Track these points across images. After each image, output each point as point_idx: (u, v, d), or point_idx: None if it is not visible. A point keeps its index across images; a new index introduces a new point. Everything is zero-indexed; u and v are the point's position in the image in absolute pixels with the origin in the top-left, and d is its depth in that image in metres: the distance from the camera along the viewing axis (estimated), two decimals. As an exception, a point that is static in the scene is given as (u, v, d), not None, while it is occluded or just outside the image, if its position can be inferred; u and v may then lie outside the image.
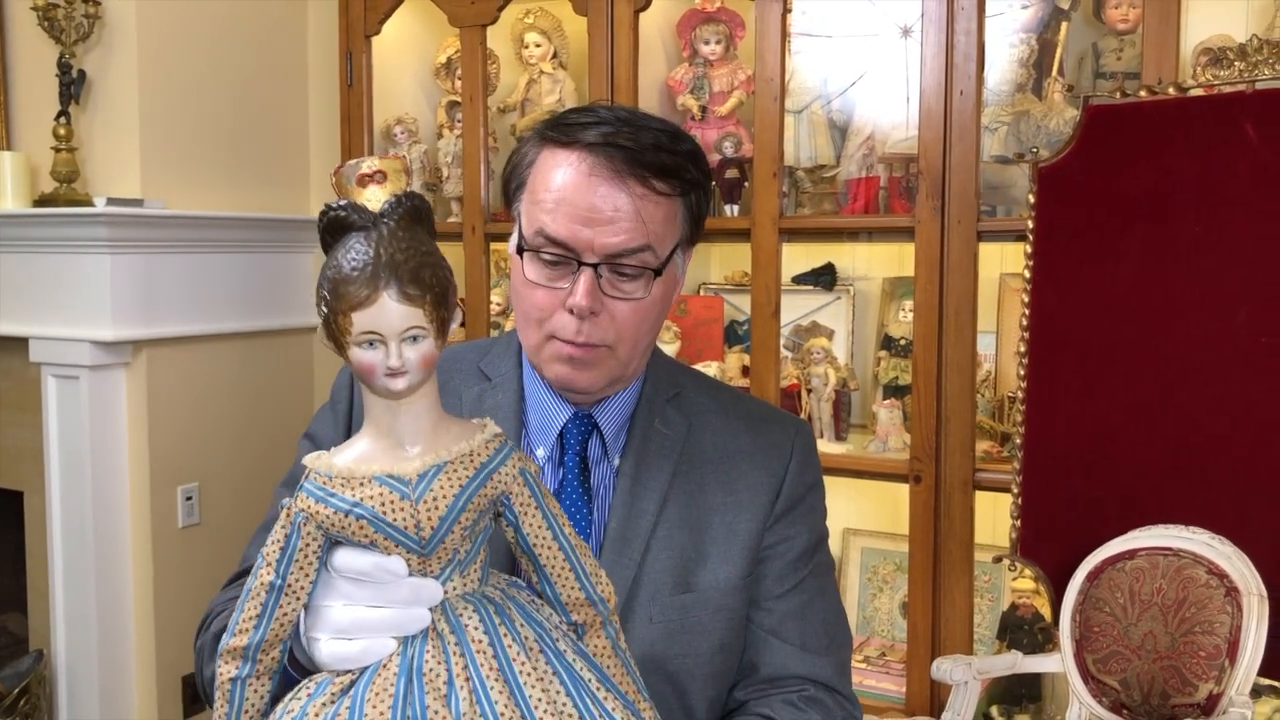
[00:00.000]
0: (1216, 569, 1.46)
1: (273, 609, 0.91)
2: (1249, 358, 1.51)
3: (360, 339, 0.85)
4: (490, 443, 0.91)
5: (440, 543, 0.88)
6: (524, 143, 1.23)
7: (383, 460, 0.88)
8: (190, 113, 2.84)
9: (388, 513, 0.87)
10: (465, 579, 0.91)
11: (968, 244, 2.13)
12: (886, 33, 2.45)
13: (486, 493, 0.90)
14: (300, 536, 0.89)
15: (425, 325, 0.86)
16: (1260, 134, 1.49)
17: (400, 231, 0.87)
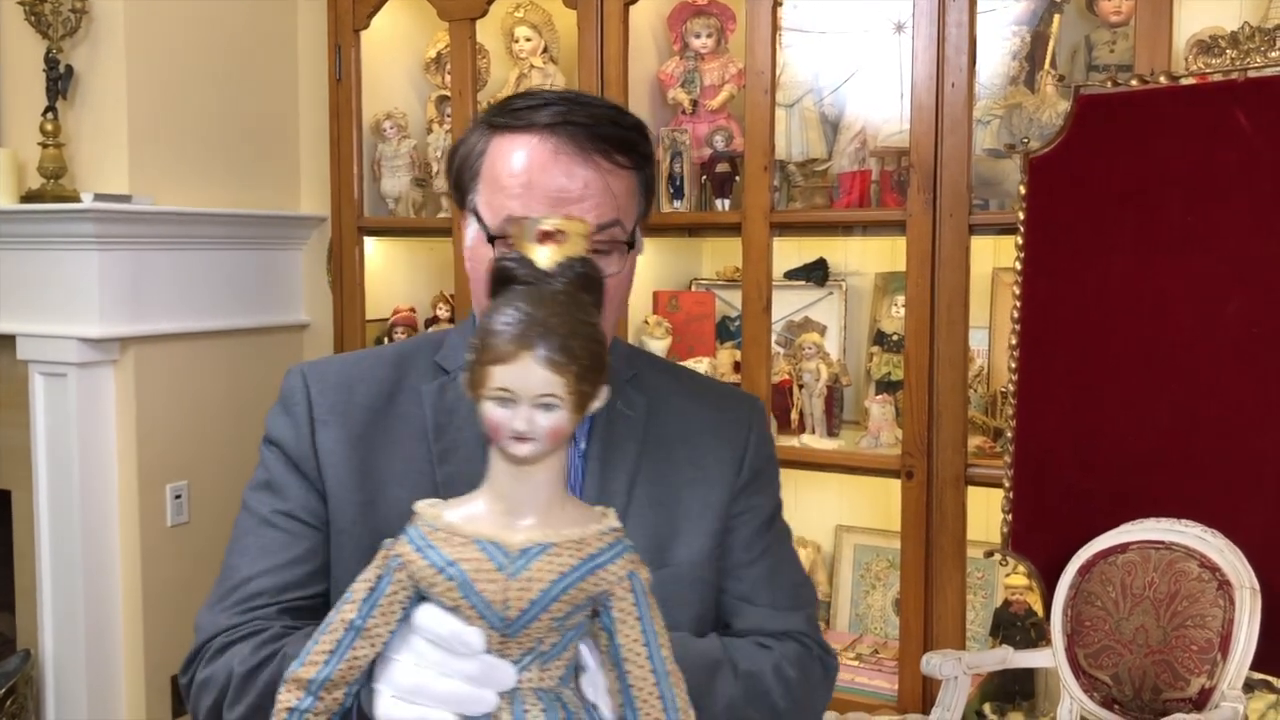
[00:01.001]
0: (1208, 562, 1.45)
1: (346, 649, 0.88)
2: (1240, 349, 1.50)
3: (494, 394, 0.83)
4: (605, 535, 0.85)
5: (525, 627, 0.83)
6: (467, 136, 1.22)
7: (490, 525, 0.85)
8: (178, 108, 2.82)
9: (479, 581, 0.83)
10: (544, 673, 0.86)
11: (959, 237, 2.11)
12: (879, 27, 2.43)
13: (587, 587, 0.84)
14: (391, 582, 0.86)
15: (562, 396, 0.82)
16: (1252, 122, 1.47)
17: (563, 296, 0.84)
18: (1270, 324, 1.48)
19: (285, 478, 1.23)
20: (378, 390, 1.25)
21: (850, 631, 2.56)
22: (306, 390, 1.26)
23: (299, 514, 1.22)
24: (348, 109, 2.82)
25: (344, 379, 1.27)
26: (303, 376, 1.27)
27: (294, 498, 1.22)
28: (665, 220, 2.59)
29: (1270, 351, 1.49)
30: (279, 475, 1.23)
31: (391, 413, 1.25)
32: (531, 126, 1.15)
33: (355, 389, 1.26)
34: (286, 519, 1.22)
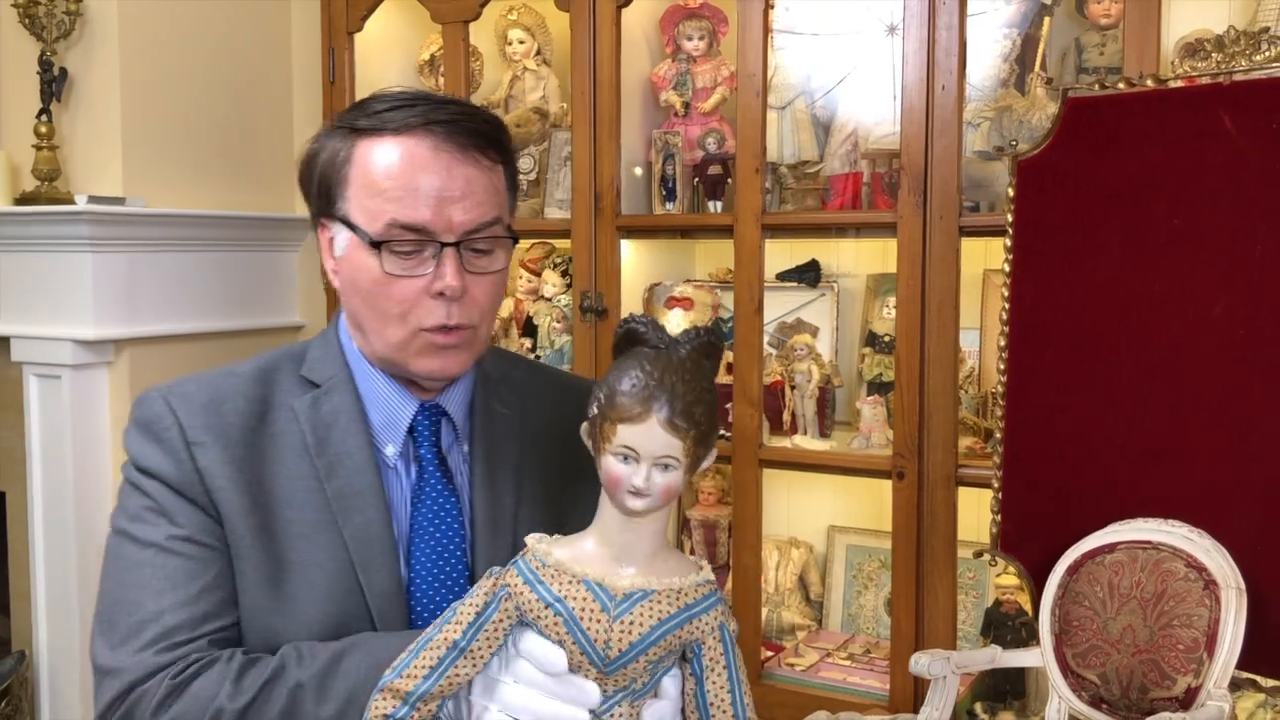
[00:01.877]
0: (1195, 562, 1.46)
1: (448, 666, 0.93)
2: (1227, 350, 1.51)
3: (618, 451, 0.88)
4: (701, 587, 0.91)
5: (623, 667, 0.89)
6: (323, 144, 1.19)
7: (597, 567, 0.90)
8: (173, 110, 2.83)
9: (584, 619, 0.88)
10: (633, 709, 0.91)
11: (950, 239, 2.12)
12: (871, 30, 2.44)
13: (682, 635, 0.89)
14: (498, 610, 0.92)
15: (680, 458, 0.87)
16: (1238, 125, 1.48)
17: (688, 362, 0.89)
18: (1256, 325, 1.49)
19: (173, 502, 1.17)
20: (247, 408, 1.21)
21: (843, 631, 2.57)
22: (173, 413, 1.19)
23: (199, 537, 1.16)
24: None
25: (210, 398, 1.21)
26: (164, 400, 1.20)
27: (188, 521, 1.16)
28: (658, 222, 2.60)
29: (1257, 353, 1.50)
30: (165, 500, 1.17)
31: (266, 431, 1.20)
32: (404, 128, 1.14)
33: (224, 409, 1.20)
34: (186, 544, 1.16)
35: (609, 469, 0.90)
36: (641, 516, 0.90)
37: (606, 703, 0.90)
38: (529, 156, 2.75)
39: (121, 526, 1.19)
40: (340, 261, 1.19)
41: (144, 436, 1.20)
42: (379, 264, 1.14)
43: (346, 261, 1.18)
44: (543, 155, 2.75)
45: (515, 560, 0.94)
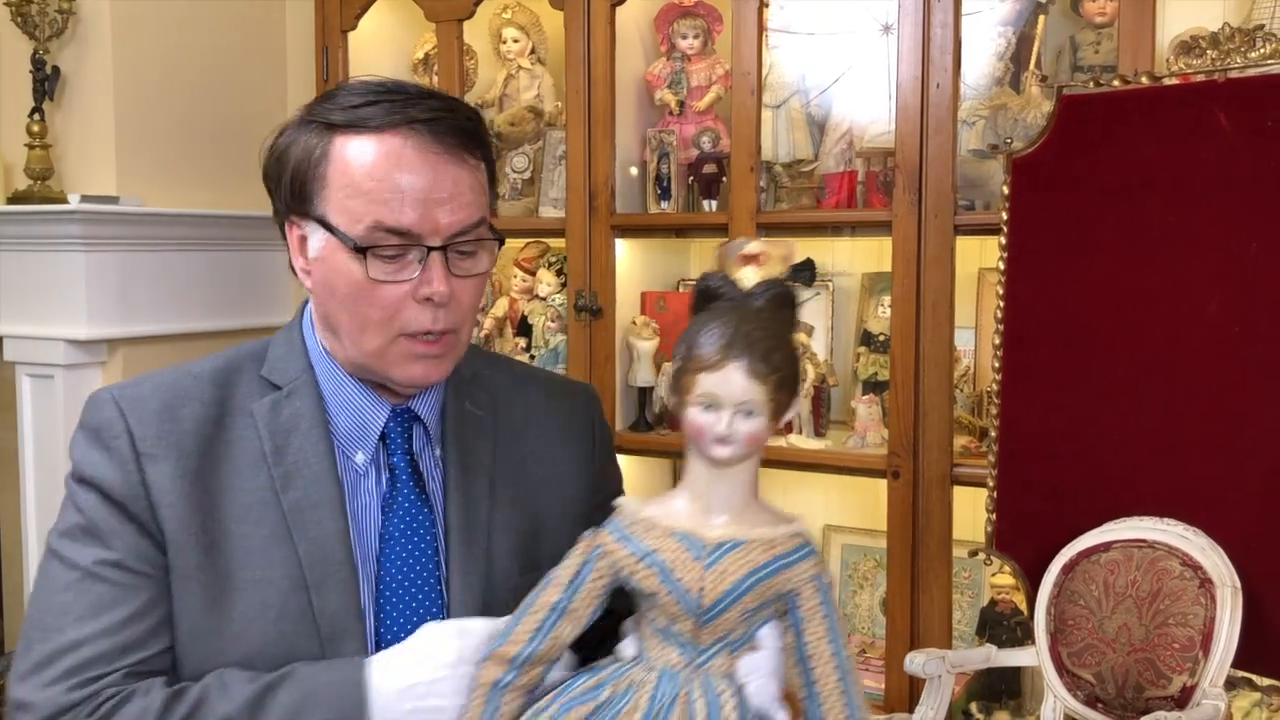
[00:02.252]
0: (1190, 561, 1.45)
1: (550, 628, 0.95)
2: (1222, 347, 1.51)
3: (699, 400, 0.90)
4: (794, 537, 0.92)
5: (718, 616, 0.90)
6: (293, 138, 1.13)
7: (688, 520, 0.92)
8: (166, 109, 2.82)
9: (677, 570, 0.90)
10: (730, 660, 0.92)
11: (945, 238, 2.12)
12: (866, 28, 2.44)
13: (775, 584, 0.91)
14: (593, 569, 0.94)
15: (761, 403, 0.90)
16: (1232, 122, 1.48)
17: (764, 312, 0.93)
18: (1251, 323, 1.49)
19: (108, 522, 1.09)
20: (204, 413, 1.14)
21: (838, 631, 2.56)
22: (124, 420, 1.11)
23: (130, 563, 1.09)
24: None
25: (165, 404, 1.13)
26: (115, 404, 1.12)
27: (121, 544, 1.09)
28: (652, 221, 2.60)
29: (1251, 350, 1.49)
30: (100, 520, 1.09)
31: (222, 438, 1.13)
32: (386, 125, 1.08)
33: (179, 414, 1.13)
34: (115, 570, 1.08)
35: (692, 420, 0.91)
36: (728, 466, 0.92)
37: (704, 654, 0.92)
38: (523, 155, 2.74)
39: (53, 544, 1.12)
40: (314, 263, 1.13)
41: (90, 443, 1.12)
42: (361, 269, 1.09)
43: (322, 263, 1.12)
44: (537, 154, 2.75)
45: (607, 521, 0.95)
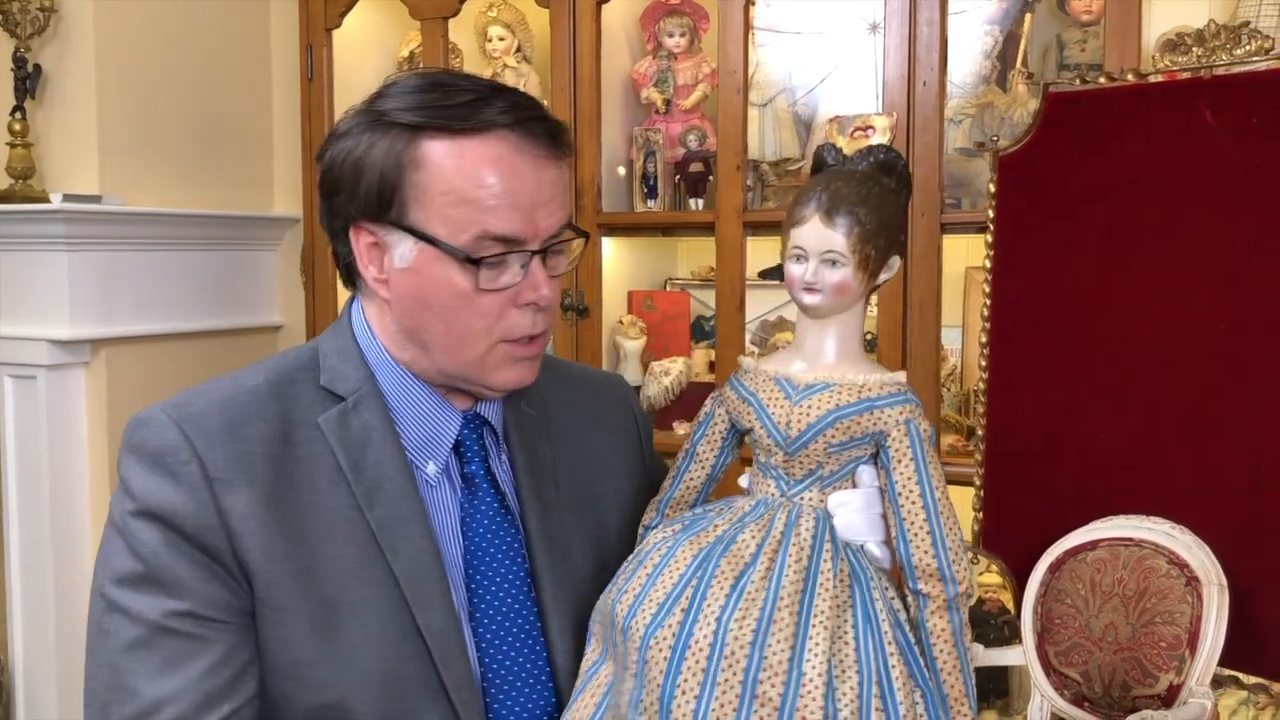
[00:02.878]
0: (1177, 559, 1.45)
1: (683, 472, 1.08)
2: (1208, 346, 1.50)
3: (791, 253, 0.99)
4: (887, 385, 0.99)
5: (803, 447, 0.98)
6: (369, 141, 1.04)
7: (787, 367, 1.01)
8: (149, 108, 2.80)
9: (770, 406, 0.99)
10: (823, 495, 1.00)
11: (932, 236, 2.12)
12: (852, 27, 2.44)
13: (862, 422, 0.97)
14: (714, 416, 1.06)
15: (845, 254, 0.96)
16: (1219, 120, 1.47)
17: (860, 174, 0.99)
18: (1237, 321, 1.49)
19: (175, 565, 1.00)
20: (270, 430, 1.06)
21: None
22: (189, 443, 1.03)
23: (202, 611, 1.00)
24: (320, 108, 2.80)
25: (229, 422, 1.05)
26: (176, 426, 1.04)
27: (192, 591, 1.00)
28: (639, 220, 2.59)
29: (1237, 348, 1.49)
30: (165, 563, 1.00)
31: (292, 455, 1.06)
32: (480, 128, 1.03)
33: (245, 434, 1.05)
34: (187, 620, 1.00)
35: (788, 272, 0.99)
36: (821, 316, 0.99)
37: (795, 486, 0.99)
38: (510, 154, 2.73)
39: (111, 594, 1.02)
40: (403, 274, 1.06)
41: (151, 471, 1.02)
42: (468, 279, 1.04)
43: (415, 274, 1.05)
44: (523, 153, 2.74)
45: (730, 376, 1.05)
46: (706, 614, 0.94)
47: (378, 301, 1.11)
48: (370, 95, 1.11)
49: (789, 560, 0.95)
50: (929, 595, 0.97)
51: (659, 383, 2.56)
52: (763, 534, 0.97)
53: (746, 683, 0.91)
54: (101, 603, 1.03)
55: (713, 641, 0.92)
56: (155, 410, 1.06)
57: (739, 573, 0.94)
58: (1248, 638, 1.44)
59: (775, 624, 0.92)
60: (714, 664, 0.92)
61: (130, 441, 1.05)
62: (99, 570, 1.05)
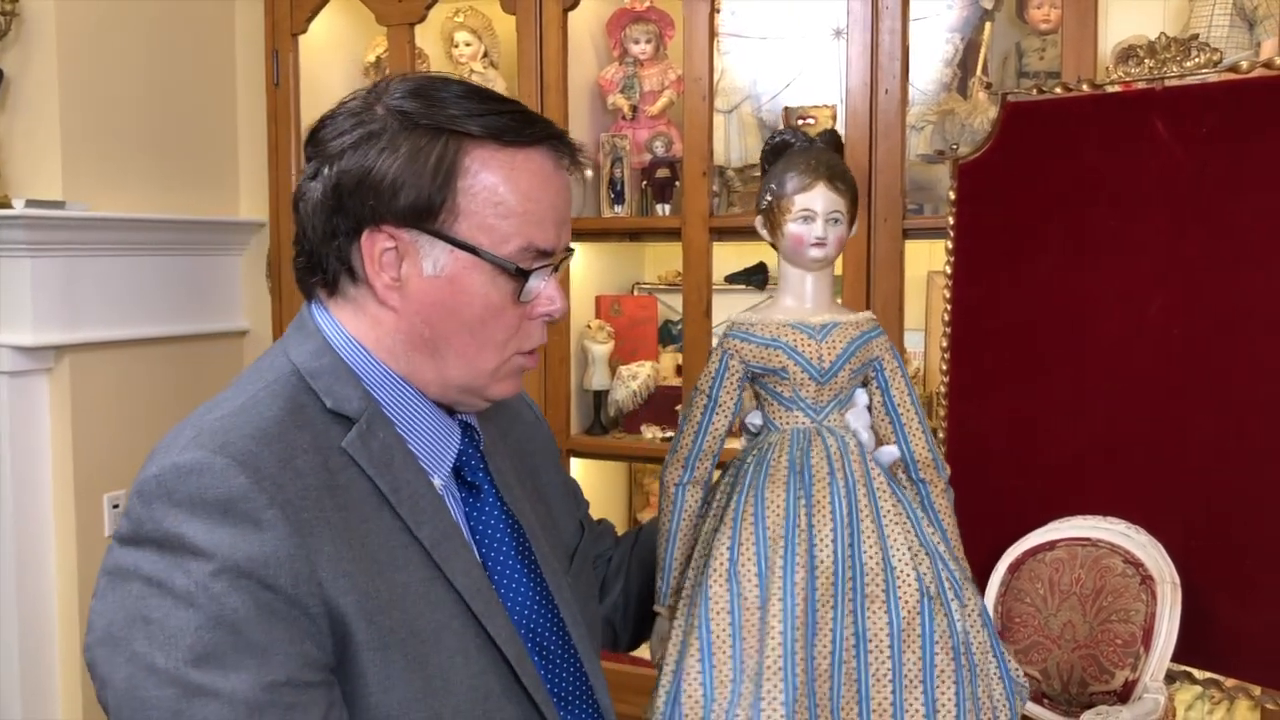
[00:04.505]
0: (1132, 558, 1.49)
1: (708, 422, 1.15)
2: (1162, 349, 1.54)
3: (798, 216, 1.11)
4: (870, 320, 1.16)
5: (834, 375, 1.12)
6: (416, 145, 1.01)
7: (796, 314, 1.14)
8: (114, 113, 2.78)
9: (799, 347, 1.12)
10: (839, 418, 1.14)
11: (894, 242, 2.15)
12: (817, 33, 2.46)
13: (868, 350, 1.14)
14: (727, 367, 1.15)
15: (844, 212, 1.12)
16: (1170, 129, 1.51)
17: (829, 150, 1.15)
18: (1189, 326, 1.53)
19: (269, 628, 0.91)
20: (314, 461, 0.99)
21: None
22: (260, 486, 0.93)
23: (300, 676, 0.92)
24: (286, 114, 2.80)
25: (280, 458, 0.97)
26: (238, 467, 0.93)
27: (288, 656, 0.92)
28: (607, 225, 2.60)
29: (1189, 352, 1.53)
30: (252, 627, 0.90)
31: (337, 485, 0.99)
32: (527, 141, 1.03)
33: (299, 468, 0.97)
34: (285, 690, 0.91)
35: (793, 233, 1.12)
36: (820, 268, 1.14)
37: (822, 412, 1.13)
38: (477, 159, 2.74)
39: (192, 679, 0.89)
40: (431, 282, 1.03)
41: (224, 522, 0.92)
42: (507, 290, 1.04)
43: (448, 283, 1.03)
44: (490, 158, 2.74)
45: (724, 335, 1.15)
46: (821, 537, 1.08)
47: (370, 310, 1.06)
48: (375, 91, 1.06)
49: (856, 476, 1.11)
50: (930, 482, 1.16)
51: (627, 387, 2.58)
52: (825, 453, 1.12)
53: (856, 589, 1.08)
54: (174, 690, 0.89)
55: (834, 557, 1.07)
56: (198, 454, 0.94)
57: (828, 496, 1.09)
58: (1200, 634, 1.48)
59: (864, 534, 1.09)
60: (840, 580, 1.07)
61: (178, 494, 0.93)
62: (157, 652, 0.90)
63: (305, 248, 1.08)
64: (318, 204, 1.04)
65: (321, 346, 1.06)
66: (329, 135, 1.04)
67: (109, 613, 0.93)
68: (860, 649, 1.08)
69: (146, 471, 0.97)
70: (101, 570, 0.97)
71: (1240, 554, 1.49)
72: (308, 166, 1.06)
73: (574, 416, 2.60)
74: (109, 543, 0.99)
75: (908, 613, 1.08)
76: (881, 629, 1.07)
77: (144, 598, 0.91)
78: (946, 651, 1.08)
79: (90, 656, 0.94)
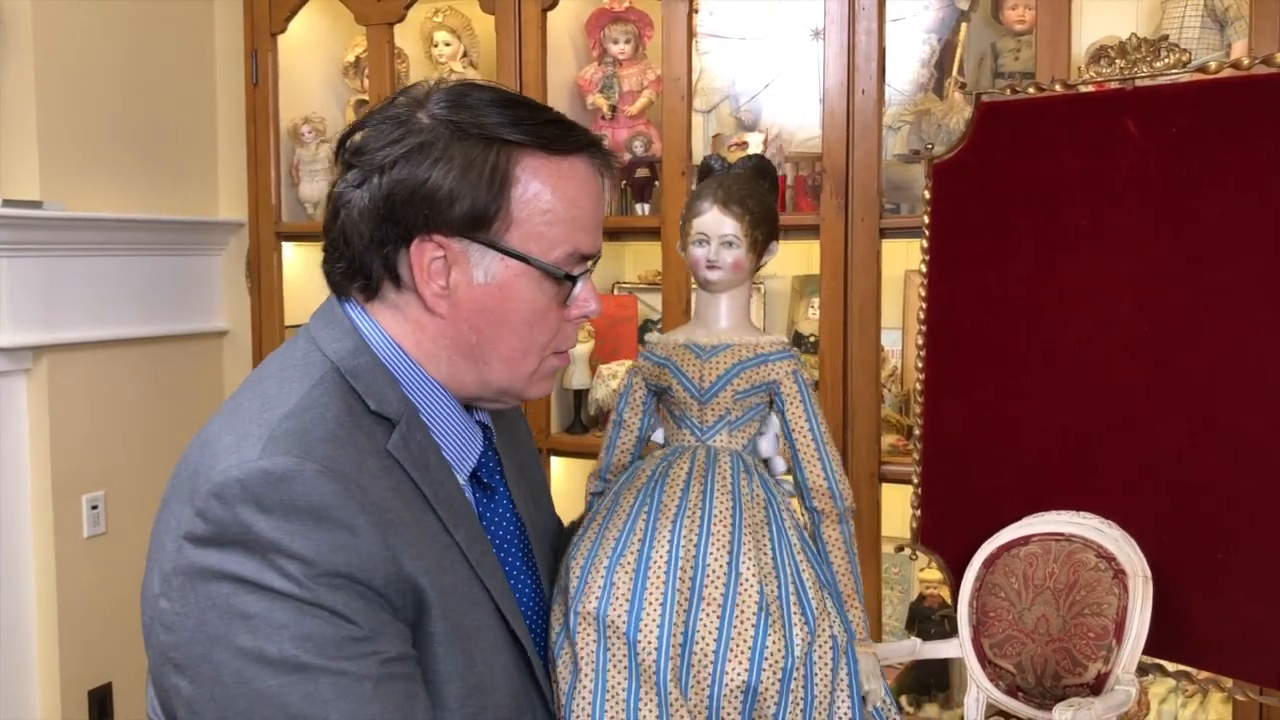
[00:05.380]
0: (1104, 552, 1.50)
1: (615, 439, 1.23)
2: (1134, 346, 1.56)
3: (694, 239, 1.19)
4: (775, 344, 1.19)
5: (714, 396, 1.16)
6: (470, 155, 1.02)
7: (692, 335, 1.19)
8: (91, 112, 2.77)
9: (684, 366, 1.18)
10: (732, 438, 1.18)
11: (871, 241, 2.16)
12: (796, 34, 2.48)
13: (760, 373, 1.17)
14: (632, 384, 1.22)
15: (739, 237, 1.17)
16: (1141, 129, 1.53)
17: (742, 175, 1.20)
18: (1159, 324, 1.54)
19: (365, 617, 0.94)
20: (379, 464, 1.01)
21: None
22: (349, 491, 0.96)
23: (407, 653, 0.98)
24: (265, 113, 2.79)
25: (354, 463, 0.99)
26: (328, 475, 0.95)
27: (390, 636, 0.96)
28: (586, 224, 2.61)
29: (1161, 348, 1.55)
30: (364, 619, 0.94)
31: (392, 487, 1.02)
32: (573, 149, 1.06)
33: (370, 469, 1.00)
34: (398, 664, 0.96)
35: (691, 255, 1.19)
36: (720, 290, 1.18)
37: (708, 432, 1.17)
38: (456, 159, 2.74)
39: (300, 660, 0.91)
40: (482, 289, 1.05)
41: (319, 527, 0.93)
42: (553, 295, 1.06)
43: (498, 290, 1.05)
44: (470, 158, 2.75)
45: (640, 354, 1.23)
46: (659, 538, 1.11)
47: (412, 315, 1.07)
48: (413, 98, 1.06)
49: (715, 485, 1.13)
50: (823, 511, 1.18)
51: (607, 385, 2.58)
52: (689, 465, 1.15)
53: (694, 588, 1.09)
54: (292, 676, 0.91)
55: (668, 557, 1.10)
56: (284, 460, 0.95)
57: (678, 500, 1.12)
58: (1171, 627, 1.50)
59: (714, 538, 1.10)
60: (671, 575, 1.09)
61: (268, 500, 0.93)
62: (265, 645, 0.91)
63: (346, 253, 1.08)
64: (365, 211, 1.04)
65: (359, 345, 1.07)
66: (374, 144, 1.04)
67: (196, 612, 0.93)
68: (686, 649, 1.08)
69: (221, 473, 0.95)
70: (170, 571, 0.95)
71: (1211, 547, 1.51)
72: (349, 174, 1.06)
73: (554, 415, 2.61)
74: (87, 543, 0.98)
75: (740, 623, 1.08)
76: (710, 633, 1.08)
77: (236, 595, 0.92)
78: (774, 671, 1.08)
79: (179, 656, 0.93)
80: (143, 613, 0.98)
